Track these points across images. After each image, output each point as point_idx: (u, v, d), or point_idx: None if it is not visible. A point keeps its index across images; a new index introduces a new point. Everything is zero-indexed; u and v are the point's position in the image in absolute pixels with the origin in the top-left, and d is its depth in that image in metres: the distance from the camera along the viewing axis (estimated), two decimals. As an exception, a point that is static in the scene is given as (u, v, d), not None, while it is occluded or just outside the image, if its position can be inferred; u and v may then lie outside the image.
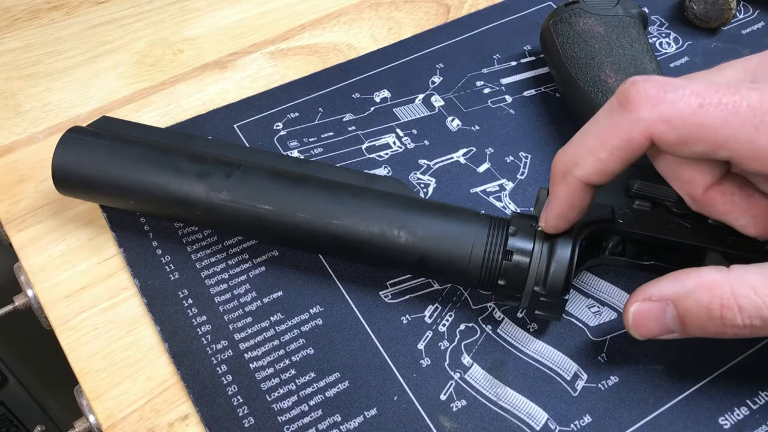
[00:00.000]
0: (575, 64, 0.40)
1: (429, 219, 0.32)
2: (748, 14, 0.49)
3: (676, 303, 0.28)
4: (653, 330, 0.29)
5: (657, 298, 0.28)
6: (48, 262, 0.37)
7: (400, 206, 0.32)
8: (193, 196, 0.33)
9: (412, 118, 0.43)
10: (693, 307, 0.27)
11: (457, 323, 0.35)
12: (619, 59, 0.40)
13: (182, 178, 0.33)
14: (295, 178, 0.33)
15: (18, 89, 0.44)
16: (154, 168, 0.33)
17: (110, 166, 0.34)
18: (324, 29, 0.48)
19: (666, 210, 0.32)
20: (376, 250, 0.32)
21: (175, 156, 0.34)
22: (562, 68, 0.41)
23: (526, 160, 0.41)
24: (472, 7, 0.49)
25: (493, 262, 0.31)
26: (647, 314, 0.29)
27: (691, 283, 0.27)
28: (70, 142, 0.34)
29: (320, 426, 0.32)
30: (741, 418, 0.32)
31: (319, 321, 0.35)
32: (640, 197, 0.32)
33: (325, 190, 0.33)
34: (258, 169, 0.34)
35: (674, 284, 0.28)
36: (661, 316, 0.28)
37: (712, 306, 0.27)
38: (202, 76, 0.45)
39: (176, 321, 0.34)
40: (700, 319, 0.27)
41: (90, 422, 0.33)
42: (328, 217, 0.32)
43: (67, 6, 0.49)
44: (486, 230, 0.32)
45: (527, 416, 0.32)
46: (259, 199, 0.33)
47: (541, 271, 0.30)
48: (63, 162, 0.34)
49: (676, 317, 0.28)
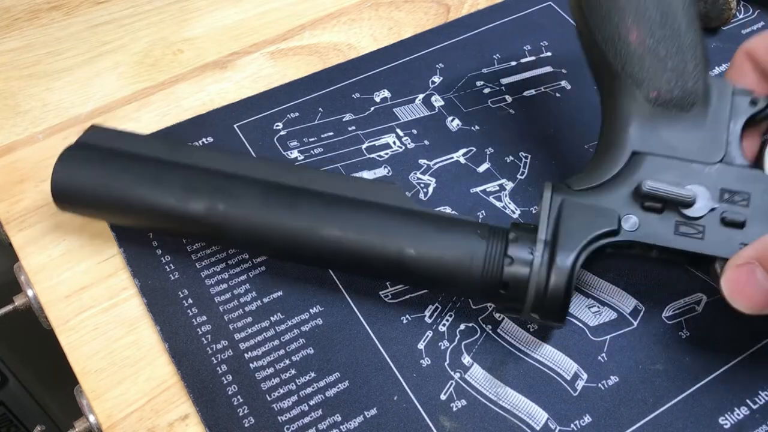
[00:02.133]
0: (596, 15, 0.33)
1: (427, 233, 0.31)
2: (748, 14, 0.49)
3: (761, 260, 0.28)
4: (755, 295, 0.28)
5: (743, 261, 0.28)
6: (48, 262, 0.37)
7: (397, 220, 0.32)
8: (192, 213, 0.33)
9: (412, 118, 0.43)
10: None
11: (458, 323, 0.35)
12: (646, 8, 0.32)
13: (179, 196, 0.33)
14: (291, 192, 0.33)
15: (18, 89, 0.44)
16: (152, 186, 0.33)
17: (109, 186, 0.33)
18: (324, 29, 0.48)
19: (677, 212, 0.31)
20: (373, 266, 0.32)
21: (173, 173, 0.33)
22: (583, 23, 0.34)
23: (526, 160, 0.41)
24: (472, 7, 0.49)
25: (493, 271, 0.31)
26: (739, 281, 0.28)
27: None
28: (69, 160, 0.34)
29: (320, 426, 0.32)
30: (741, 418, 0.32)
31: (319, 321, 0.35)
32: (650, 198, 0.30)
33: (321, 205, 0.32)
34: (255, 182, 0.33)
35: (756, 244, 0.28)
36: (751, 279, 0.28)
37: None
38: (202, 76, 0.45)
39: (176, 321, 0.34)
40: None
41: (90, 422, 0.33)
42: (325, 232, 0.32)
43: (67, 6, 0.49)
44: (485, 241, 0.31)
45: (527, 416, 0.32)
46: (258, 214, 0.32)
47: (542, 280, 0.30)
48: (62, 181, 0.34)
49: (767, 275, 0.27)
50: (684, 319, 0.35)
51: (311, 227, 0.32)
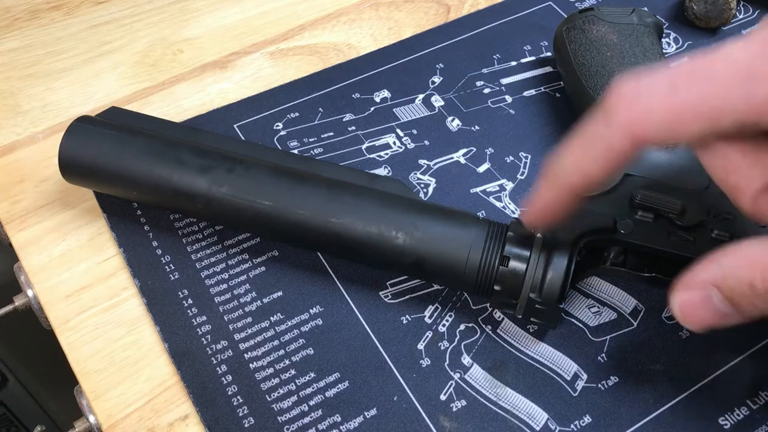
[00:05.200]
0: (586, 72, 0.40)
1: (427, 221, 0.32)
2: (748, 14, 0.49)
3: (718, 285, 0.25)
4: (707, 318, 0.26)
5: (698, 284, 0.25)
6: (48, 262, 0.37)
7: (399, 207, 0.32)
8: (195, 189, 0.33)
9: (412, 118, 0.43)
10: (736, 286, 0.24)
11: (457, 323, 0.35)
12: (630, 68, 0.39)
13: (185, 171, 0.34)
14: (296, 176, 0.34)
15: (18, 89, 0.44)
16: (158, 159, 0.34)
17: (115, 156, 0.34)
18: (324, 29, 0.48)
19: (669, 222, 0.32)
20: (374, 250, 0.32)
21: (180, 149, 0.34)
22: (573, 75, 0.40)
23: (526, 160, 0.41)
24: (472, 7, 0.49)
25: (489, 267, 0.31)
26: (692, 303, 0.26)
27: (728, 261, 0.25)
28: (78, 130, 0.35)
29: (320, 426, 0.32)
30: (741, 418, 0.32)
31: (319, 321, 0.35)
32: (643, 208, 0.32)
33: (325, 189, 0.33)
34: (260, 165, 0.34)
35: (712, 266, 0.25)
36: (707, 303, 0.25)
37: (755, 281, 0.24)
38: (202, 76, 0.45)
39: (176, 321, 0.34)
40: (747, 297, 0.24)
41: (90, 422, 0.33)
42: (327, 215, 0.32)
43: (67, 6, 0.49)
44: (484, 235, 0.31)
45: (527, 416, 0.32)
46: (259, 195, 0.33)
47: (537, 278, 0.30)
48: (70, 149, 0.35)
49: (724, 300, 0.25)
50: (684, 319, 0.35)
51: (313, 210, 0.33)
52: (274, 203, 0.33)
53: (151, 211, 0.38)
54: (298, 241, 0.34)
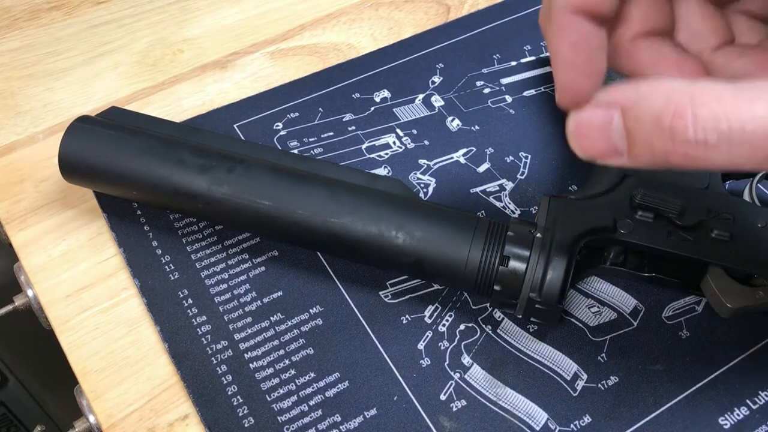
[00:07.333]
0: None
1: (427, 221, 0.32)
2: None
3: (624, 110, 0.22)
4: (597, 145, 0.23)
5: (604, 102, 0.23)
6: (48, 262, 0.37)
7: (399, 207, 0.32)
8: (194, 189, 0.33)
9: (412, 118, 0.43)
10: (642, 115, 0.22)
11: (457, 323, 0.35)
12: None
13: (185, 171, 0.34)
14: (296, 176, 0.34)
15: (18, 89, 0.44)
16: (157, 159, 0.34)
17: (115, 156, 0.34)
18: (324, 29, 0.48)
19: (668, 222, 0.32)
20: (374, 250, 0.32)
21: (179, 148, 0.34)
22: None
23: (526, 160, 0.41)
24: (472, 7, 0.49)
25: (489, 266, 0.31)
26: (590, 122, 0.23)
27: (645, 88, 0.22)
28: (78, 130, 0.35)
29: (320, 426, 0.32)
30: (741, 418, 0.32)
31: (319, 321, 0.35)
32: (642, 208, 0.32)
33: (325, 188, 0.33)
34: (260, 164, 0.34)
35: (627, 88, 0.22)
36: (606, 127, 0.23)
37: (664, 114, 0.21)
38: (202, 76, 0.45)
39: (176, 321, 0.34)
40: (647, 133, 0.22)
41: (90, 422, 0.33)
42: (327, 215, 0.32)
43: (67, 6, 0.49)
44: (484, 234, 0.31)
45: (527, 416, 0.32)
46: (259, 195, 0.33)
47: (537, 278, 0.30)
48: (70, 149, 0.35)
49: (622, 130, 0.22)
50: (684, 319, 0.35)
51: (313, 209, 0.33)
52: (274, 203, 0.33)
53: (151, 211, 0.38)
54: (298, 241, 0.34)
